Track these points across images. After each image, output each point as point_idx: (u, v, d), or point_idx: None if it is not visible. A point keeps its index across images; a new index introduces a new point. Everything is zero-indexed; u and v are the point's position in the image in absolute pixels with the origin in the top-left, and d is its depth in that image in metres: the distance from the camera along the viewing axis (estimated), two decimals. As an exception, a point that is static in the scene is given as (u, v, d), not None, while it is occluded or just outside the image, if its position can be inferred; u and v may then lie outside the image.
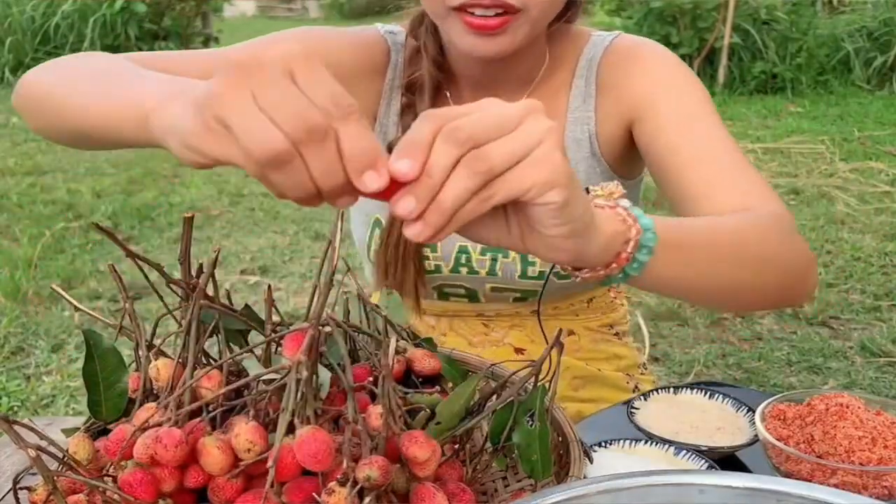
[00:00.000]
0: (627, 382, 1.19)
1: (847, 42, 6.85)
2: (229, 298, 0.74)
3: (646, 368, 1.25)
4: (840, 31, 6.96)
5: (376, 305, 0.80)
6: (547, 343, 0.72)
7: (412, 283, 1.08)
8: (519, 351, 1.12)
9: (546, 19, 0.96)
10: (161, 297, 0.75)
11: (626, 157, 1.07)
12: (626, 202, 0.65)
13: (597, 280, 0.64)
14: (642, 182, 1.15)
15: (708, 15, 6.65)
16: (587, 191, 0.66)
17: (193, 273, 0.72)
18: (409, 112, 1.06)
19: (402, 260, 1.06)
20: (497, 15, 0.90)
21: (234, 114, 0.49)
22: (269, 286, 0.76)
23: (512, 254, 1.06)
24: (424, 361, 0.74)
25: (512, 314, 1.13)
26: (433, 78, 1.03)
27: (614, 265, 0.63)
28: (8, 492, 0.62)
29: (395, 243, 1.06)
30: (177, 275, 0.72)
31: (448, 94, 1.06)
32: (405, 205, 0.51)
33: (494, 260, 1.07)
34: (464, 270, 1.09)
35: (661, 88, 0.99)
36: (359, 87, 1.05)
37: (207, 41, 8.92)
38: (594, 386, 1.16)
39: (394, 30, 1.10)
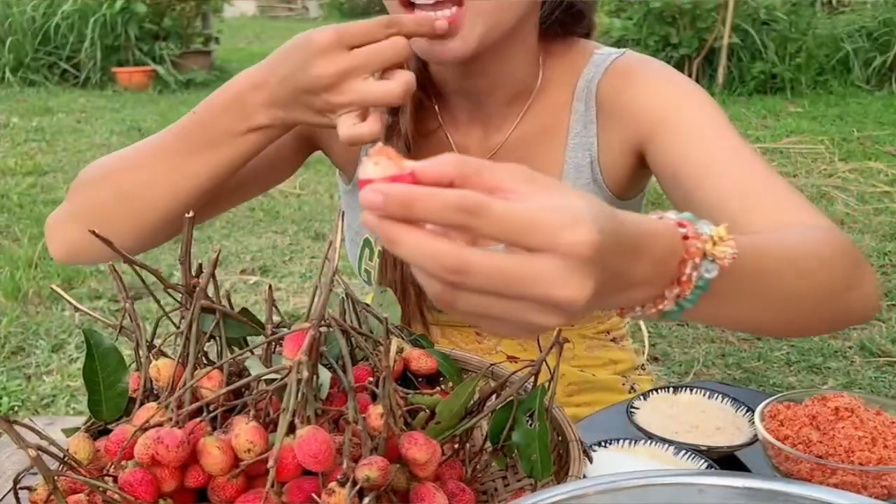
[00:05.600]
0: (623, 384, 1.18)
1: (846, 42, 6.85)
2: (229, 299, 0.74)
3: (643, 369, 1.24)
4: (839, 32, 6.96)
5: (368, 305, 0.80)
6: (540, 350, 0.70)
7: (416, 307, 1.05)
8: (511, 359, 1.10)
9: (506, 18, 0.90)
10: (158, 301, 0.75)
11: (630, 181, 1.03)
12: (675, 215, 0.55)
13: (652, 319, 0.55)
14: (644, 198, 1.11)
15: (707, 15, 6.66)
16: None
17: (193, 273, 0.72)
18: (391, 132, 0.99)
19: (401, 284, 1.03)
20: (438, 3, 0.84)
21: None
22: (270, 286, 0.76)
23: None
24: (421, 361, 0.75)
25: None
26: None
27: (666, 301, 0.53)
28: (8, 492, 0.62)
29: (391, 266, 1.03)
30: (177, 274, 0.72)
31: (437, 108, 1.03)
32: (372, 198, 0.44)
33: None
34: None
35: (673, 105, 0.94)
36: None
37: (207, 41, 8.92)
38: (588, 391, 1.15)
39: None
